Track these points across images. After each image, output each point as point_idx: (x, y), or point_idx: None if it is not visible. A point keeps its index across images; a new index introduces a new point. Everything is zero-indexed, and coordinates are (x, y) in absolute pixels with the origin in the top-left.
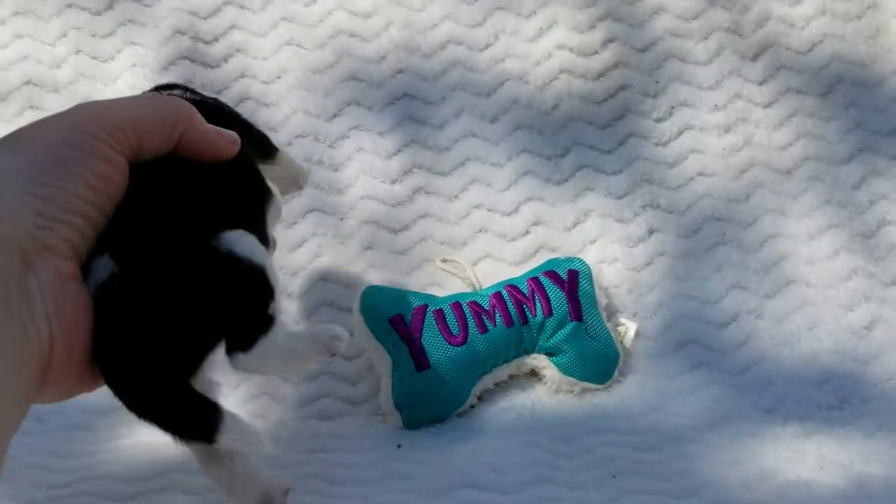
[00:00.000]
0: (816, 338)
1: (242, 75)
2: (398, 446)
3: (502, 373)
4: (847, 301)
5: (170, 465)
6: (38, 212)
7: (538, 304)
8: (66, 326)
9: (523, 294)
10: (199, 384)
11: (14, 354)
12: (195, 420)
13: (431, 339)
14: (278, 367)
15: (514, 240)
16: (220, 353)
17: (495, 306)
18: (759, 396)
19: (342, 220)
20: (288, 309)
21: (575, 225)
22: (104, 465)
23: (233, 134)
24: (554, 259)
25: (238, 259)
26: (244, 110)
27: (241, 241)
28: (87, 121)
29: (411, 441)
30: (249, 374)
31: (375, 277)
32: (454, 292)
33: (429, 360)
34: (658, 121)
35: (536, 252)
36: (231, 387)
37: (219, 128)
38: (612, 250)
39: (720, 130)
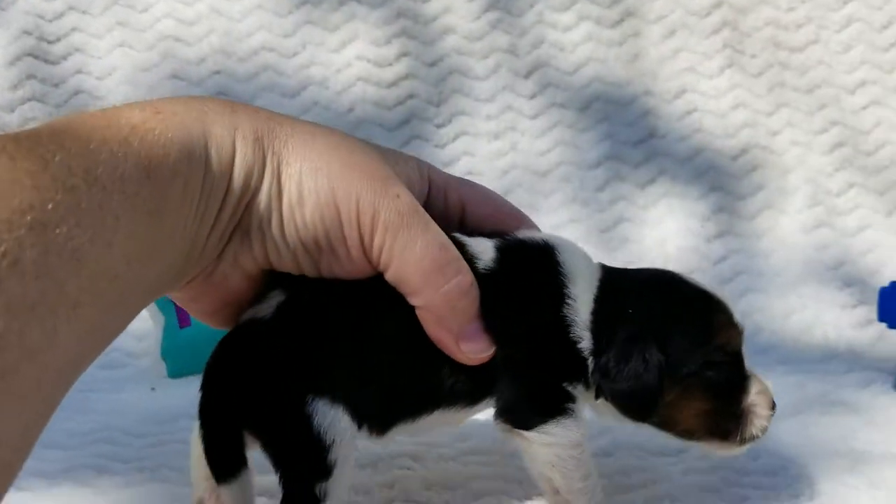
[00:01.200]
0: None
1: (79, 71)
2: (152, 389)
3: None
4: None
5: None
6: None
7: None
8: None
9: None
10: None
11: (178, 249)
12: (222, 462)
13: None
14: None
15: None
16: None
17: None
18: None
19: None
20: None
21: None
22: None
23: (478, 349)
24: None
25: (308, 416)
26: (77, 103)
27: (325, 410)
28: (362, 213)
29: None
30: None
31: None
32: None
33: (189, 318)
34: (439, 126)
35: None
36: None
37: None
38: None
39: (490, 137)
